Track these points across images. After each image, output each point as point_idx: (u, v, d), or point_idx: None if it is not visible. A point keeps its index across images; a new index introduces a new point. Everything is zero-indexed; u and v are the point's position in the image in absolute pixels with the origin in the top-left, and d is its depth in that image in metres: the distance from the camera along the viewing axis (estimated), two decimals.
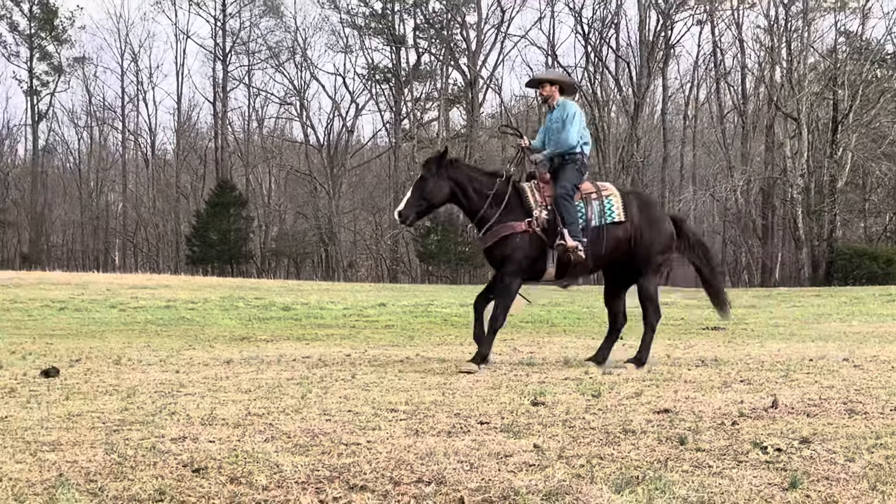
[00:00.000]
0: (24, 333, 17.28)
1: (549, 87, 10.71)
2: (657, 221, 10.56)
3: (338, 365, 10.79)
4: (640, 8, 64.30)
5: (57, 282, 35.50)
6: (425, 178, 10.32)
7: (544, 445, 5.58)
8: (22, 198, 77.31)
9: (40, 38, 75.40)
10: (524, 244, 10.08)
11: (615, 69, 66.99)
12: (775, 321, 21.38)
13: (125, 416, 6.73)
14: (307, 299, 28.36)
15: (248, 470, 4.96)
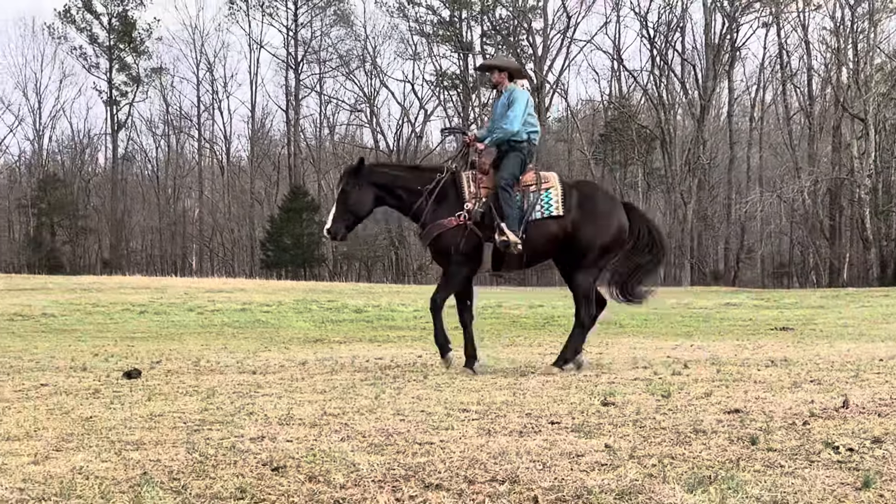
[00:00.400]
0: (107, 336, 17.70)
1: (497, 73, 10.36)
2: (601, 216, 10.10)
3: (410, 366, 10.93)
4: (706, 11, 63.86)
5: (137, 286, 36.19)
6: (346, 190, 10.16)
7: (615, 445, 5.63)
8: (102, 205, 78.77)
9: (119, 50, 76.77)
10: (457, 239, 9.87)
11: (681, 72, 66.56)
12: (844, 321, 21.11)
13: (205, 416, 6.90)
14: (378, 302, 28.59)
15: (325, 468, 5.08)
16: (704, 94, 63.29)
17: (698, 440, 5.79)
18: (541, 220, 9.94)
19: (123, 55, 77.12)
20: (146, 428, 6.39)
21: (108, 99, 77.02)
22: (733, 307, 27.86)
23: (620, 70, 69.83)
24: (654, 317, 23.52)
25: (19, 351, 13.80)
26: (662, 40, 66.20)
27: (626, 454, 5.37)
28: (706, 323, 20.85)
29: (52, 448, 5.64)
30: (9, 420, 6.73)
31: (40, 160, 78.36)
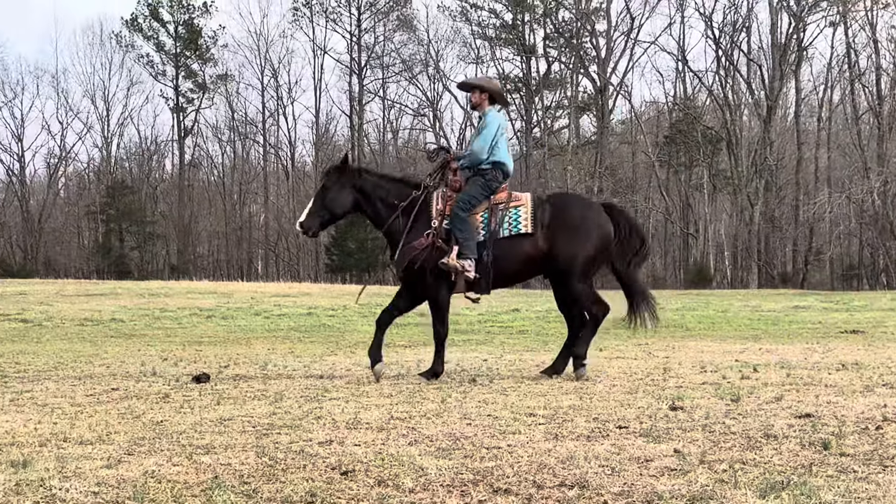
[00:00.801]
0: (175, 341, 17.92)
1: (478, 94, 10.13)
2: (577, 227, 9.83)
3: (475, 370, 10.93)
4: (772, 11, 63.13)
5: (204, 291, 36.61)
6: (327, 186, 10.05)
7: (685, 450, 5.58)
8: (170, 211, 79.82)
9: (185, 58, 77.76)
10: (430, 257, 9.70)
11: (747, 73, 65.87)
12: None
13: (273, 420, 6.96)
14: None
15: (394, 473, 5.10)
16: (771, 94, 62.59)
17: (769, 445, 5.73)
18: (508, 239, 9.72)
19: (189, 62, 78.10)
20: (216, 432, 6.46)
21: (174, 106, 78.04)
22: (802, 310, 27.48)
23: (685, 71, 69.38)
24: (721, 320, 23.29)
25: (90, 356, 14.02)
26: (728, 40, 65.62)
27: (696, 459, 5.33)
28: (775, 326, 20.59)
29: (124, 452, 5.72)
30: (82, 424, 6.85)
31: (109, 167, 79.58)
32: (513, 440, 6.01)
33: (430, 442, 5.98)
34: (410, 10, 75.42)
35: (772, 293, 42.91)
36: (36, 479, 4.96)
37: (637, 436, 6.11)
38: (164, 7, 77.03)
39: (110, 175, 78.20)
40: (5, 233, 77.07)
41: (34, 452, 5.70)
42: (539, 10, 70.20)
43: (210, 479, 4.98)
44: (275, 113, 79.18)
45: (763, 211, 61.74)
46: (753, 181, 61.91)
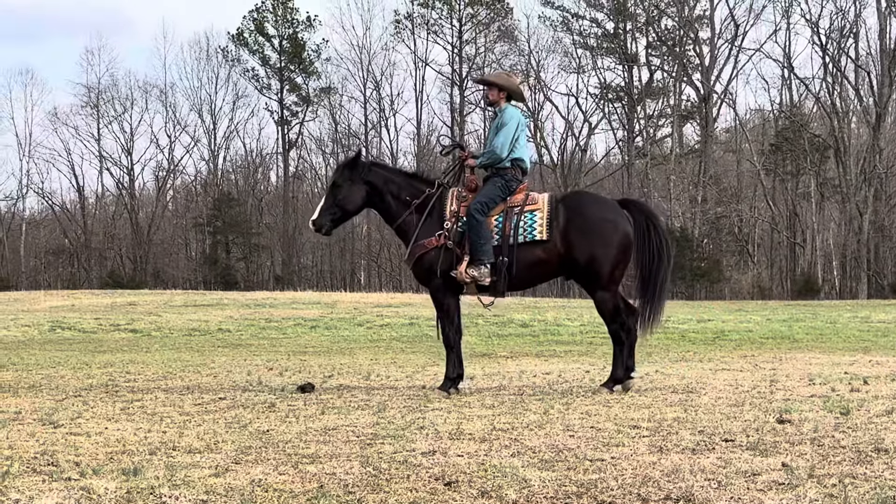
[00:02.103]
0: (280, 350, 18.19)
1: (496, 91, 9.94)
2: (596, 230, 9.55)
3: (578, 381, 10.89)
4: (880, 16, 61.69)
5: (308, 301, 37.07)
6: (338, 184, 9.97)
7: (793, 464, 5.49)
8: (275, 222, 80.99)
9: (290, 71, 78.90)
10: (438, 259, 9.59)
11: (855, 79, 64.39)
12: None
13: (377, 430, 7.02)
14: (544, 316, 28.52)
15: (497, 484, 5.10)
16: (880, 101, 61.10)
17: (880, 459, 5.60)
18: (524, 245, 9.54)
19: (294, 76, 79.20)
20: (321, 441, 6.54)
21: (279, 119, 79.20)
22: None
23: (791, 78, 68.05)
24: (829, 331, 22.81)
25: (198, 365, 14.31)
26: (835, 46, 64.24)
27: (805, 473, 5.23)
28: (885, 338, 20.07)
29: (231, 461, 5.83)
30: (190, 433, 6.99)
31: (215, 179, 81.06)
32: (616, 452, 5.97)
33: (532, 453, 5.98)
34: (511, 21, 75.43)
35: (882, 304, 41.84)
36: (146, 486, 5.08)
37: (744, 449, 6.02)
38: (269, 22, 78.31)
39: (216, 187, 79.66)
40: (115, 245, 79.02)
41: (144, 461, 5.84)
42: (641, 19, 69.65)
43: (315, 489, 5.05)
44: (377, 125, 79.86)
45: (872, 220, 60.27)
46: (862, 189, 60.50)
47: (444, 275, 9.64)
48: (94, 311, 31.83)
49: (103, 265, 77.22)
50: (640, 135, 70.47)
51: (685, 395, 9.07)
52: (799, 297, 54.90)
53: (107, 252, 78.85)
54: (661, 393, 9.40)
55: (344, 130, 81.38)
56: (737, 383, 10.24)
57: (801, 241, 65.12)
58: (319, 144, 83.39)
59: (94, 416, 8.01)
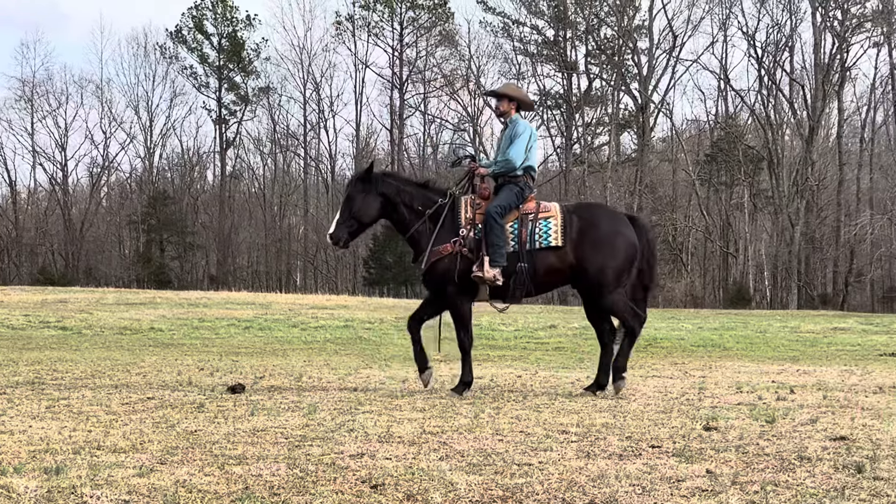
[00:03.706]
0: (212, 351, 18.03)
1: (506, 102, 10.20)
2: (605, 242, 9.82)
3: (509, 386, 10.92)
4: (815, 31, 62.83)
5: (242, 302, 36.81)
6: (352, 196, 10.10)
7: (717, 471, 5.55)
8: (210, 221, 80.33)
9: (228, 70, 78.38)
10: (453, 266, 9.76)
11: (789, 92, 65.54)
12: None
13: (307, 431, 6.99)
14: (479, 321, 28.57)
15: (423, 487, 5.10)
16: (813, 114, 62.17)
17: (803, 467, 5.68)
18: (538, 251, 9.74)
19: (232, 75, 78.68)
20: (249, 443, 6.50)
21: (217, 118, 78.61)
22: (841, 332, 27.23)
23: (727, 90, 69.00)
24: (759, 340, 23.12)
25: (127, 364, 14.14)
26: (770, 60, 65.28)
27: (728, 480, 5.30)
28: (813, 347, 20.41)
29: (156, 461, 5.76)
30: (116, 432, 6.91)
31: (151, 177, 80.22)
32: (544, 457, 6.00)
33: (460, 457, 5.98)
34: (452, 26, 75.63)
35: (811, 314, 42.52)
36: (68, 486, 5.01)
37: (669, 455, 6.08)
38: (208, 20, 77.72)
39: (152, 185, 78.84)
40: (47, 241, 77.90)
41: (67, 460, 5.75)
42: (581, 27, 70.10)
43: (240, 490, 5.01)
44: (316, 126, 79.65)
45: (804, 231, 61.26)
46: (794, 201, 61.47)
47: (459, 281, 9.80)
48: (24, 307, 31.32)
49: (34, 261, 76.13)
50: (578, 142, 70.93)
51: (615, 402, 9.14)
52: (731, 306, 55.63)
53: (38, 248, 77.73)
54: (591, 399, 9.47)
55: (282, 131, 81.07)
56: (666, 390, 10.34)
57: (734, 250, 66.01)
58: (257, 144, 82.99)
59: (18, 414, 7.89)
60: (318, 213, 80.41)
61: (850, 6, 62.91)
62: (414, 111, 77.06)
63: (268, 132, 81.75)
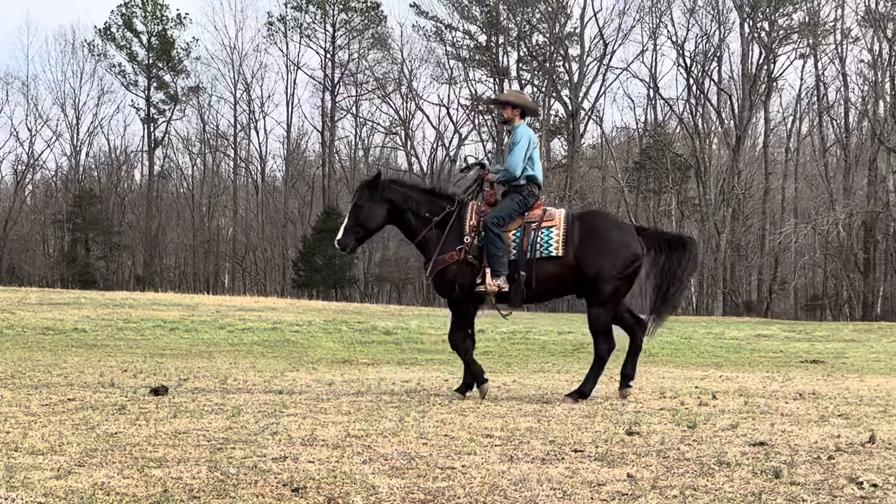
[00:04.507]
0: (136, 352, 17.79)
1: (510, 109, 10.32)
2: (607, 250, 9.85)
3: (435, 390, 10.93)
4: (743, 41, 63.87)
5: (168, 303, 36.39)
6: (359, 204, 10.20)
7: (638, 475, 5.61)
8: (137, 221, 79.38)
9: (158, 69, 77.56)
10: (459, 272, 9.86)
11: (717, 101, 66.51)
12: (875, 355, 20.87)
13: (229, 434, 6.93)
14: (408, 324, 28.60)
15: (345, 490, 5.09)
16: (740, 123, 63.15)
17: (722, 472, 5.76)
18: (539, 260, 9.81)
19: (162, 73, 77.89)
20: (170, 445, 6.43)
21: (145, 116, 77.76)
22: (765, 338, 27.65)
23: (656, 98, 69.81)
24: (684, 346, 23.38)
25: (49, 365, 13.90)
26: (699, 69, 66.17)
27: (648, 485, 5.35)
28: (737, 354, 20.68)
29: (75, 463, 5.68)
30: (34, 434, 6.79)
31: (77, 176, 79.10)
32: (467, 461, 6.01)
33: (384, 460, 5.98)
34: (385, 29, 75.62)
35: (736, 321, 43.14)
36: None
37: (592, 460, 6.12)
38: (137, 17, 76.86)
39: (78, 184, 77.71)
40: None
41: None
42: (513, 33, 70.50)
43: (159, 493, 4.96)
44: (246, 127, 79.13)
45: (729, 239, 62.15)
46: (721, 209, 62.35)
47: (464, 288, 9.90)
48: None
49: None
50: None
51: (539, 406, 9.19)
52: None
53: None
54: (516, 403, 9.51)
55: (212, 131, 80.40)
56: (591, 395, 10.40)
57: None
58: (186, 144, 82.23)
59: None
60: (247, 214, 79.87)
61: (778, 18, 64.09)
62: (346, 114, 76.93)
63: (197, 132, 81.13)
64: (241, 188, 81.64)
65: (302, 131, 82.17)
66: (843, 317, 59.55)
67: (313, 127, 79.20)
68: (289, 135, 77.76)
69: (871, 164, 59.74)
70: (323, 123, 75.46)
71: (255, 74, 78.67)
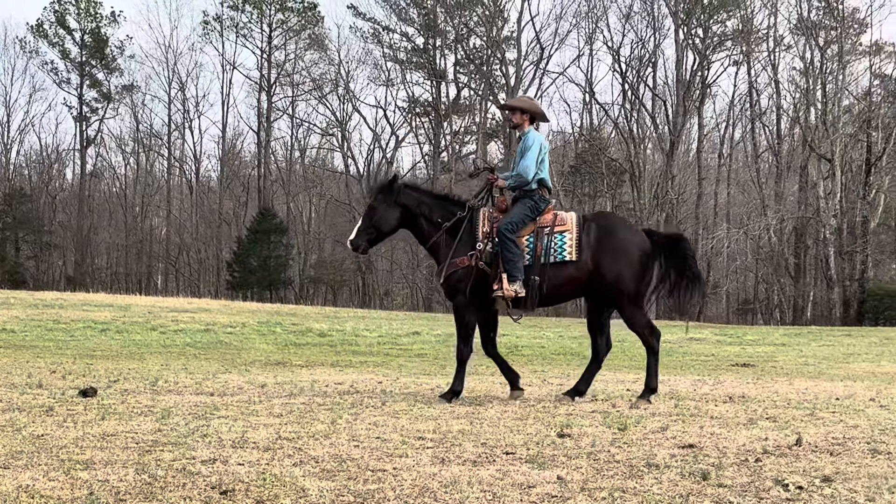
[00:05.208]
0: (66, 353, 17.54)
1: (519, 114, 10.39)
2: (621, 249, 10.02)
3: (369, 392, 10.91)
4: (678, 48, 64.56)
5: (100, 304, 35.91)
6: (374, 206, 10.37)
7: (568, 477, 5.64)
8: (69, 221, 78.23)
9: (91, 66, 76.53)
10: (467, 278, 9.96)
11: (652, 107, 67.16)
12: (805, 359, 21.23)
13: (158, 437, 6.86)
14: (343, 326, 28.52)
15: (274, 493, 5.06)
16: (674, 129, 63.82)
17: (650, 474, 5.81)
18: (553, 265, 9.95)
19: (95, 71, 76.88)
20: (97, 447, 6.35)
21: (77, 115, 76.68)
22: (696, 342, 27.99)
23: (592, 103, 70.27)
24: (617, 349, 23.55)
25: None
26: (634, 75, 66.76)
27: (578, 487, 5.38)
28: (668, 357, 20.88)
29: (0, 465, 5.58)
30: None
31: (7, 174, 77.79)
32: (399, 463, 6.01)
33: (315, 463, 5.95)
34: (322, 30, 75.27)
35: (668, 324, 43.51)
36: None
37: (523, 462, 6.14)
38: (70, 14, 75.79)
39: (8, 182, 76.39)
40: None
41: None
42: (451, 36, 70.61)
43: (85, 496, 4.89)
44: (181, 126, 78.29)
45: None
46: (655, 214, 62.91)
47: (472, 293, 9.99)
48: None
49: None
50: (446, 150, 71.37)
51: (472, 408, 9.21)
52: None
53: None
54: (448, 405, 9.51)
55: (146, 130, 79.49)
56: (524, 397, 10.45)
57: None
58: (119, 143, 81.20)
59: None
60: (181, 214, 79.10)
61: (712, 25, 64.88)
62: (282, 114, 76.46)
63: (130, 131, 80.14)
64: (175, 188, 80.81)
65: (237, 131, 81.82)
66: (773, 321, 60.42)
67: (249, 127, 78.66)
68: (224, 135, 77.22)
69: (802, 171, 60.67)
70: (259, 124, 74.95)
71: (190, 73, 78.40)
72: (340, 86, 73.63)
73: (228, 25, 74.51)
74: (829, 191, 56.11)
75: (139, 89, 78.07)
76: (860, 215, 54.65)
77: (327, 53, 74.44)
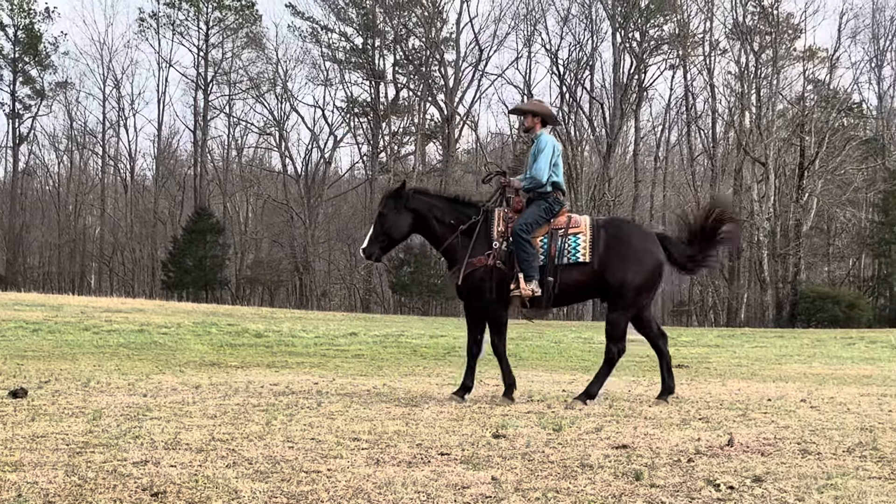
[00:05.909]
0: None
1: (531, 118, 10.58)
2: (631, 258, 10.14)
3: (305, 393, 10.84)
4: (615, 51, 65.20)
5: (31, 303, 35.34)
6: (383, 213, 10.38)
7: (502, 478, 5.65)
8: (0, 219, 76.96)
9: (24, 63, 75.40)
10: (487, 277, 10.06)
11: (589, 110, 67.74)
12: (738, 360, 21.50)
13: (89, 438, 6.76)
14: (279, 327, 28.34)
15: (206, 495, 5.01)
16: (611, 132, 64.39)
17: (584, 475, 5.84)
18: (566, 266, 10.06)
19: (28, 68, 75.75)
20: (27, 449, 6.25)
21: (10, 112, 75.49)
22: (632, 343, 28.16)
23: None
24: (553, 350, 23.70)
25: None
26: (572, 77, 67.26)
27: (512, 487, 5.40)
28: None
29: None
30: None
31: None
32: (333, 465, 5.98)
33: (248, 464, 5.91)
34: (260, 29, 74.86)
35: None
36: None
37: (458, 463, 6.15)
38: (3, 10, 74.59)
39: None
40: None
41: None
42: (390, 37, 70.58)
43: (13, 498, 4.82)
44: (115, 124, 77.39)
45: None
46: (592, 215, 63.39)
47: (495, 291, 10.04)
48: None
49: None
50: (385, 151, 71.30)
51: (408, 409, 9.20)
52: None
53: None
54: (385, 406, 9.49)
55: (80, 128, 78.47)
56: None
57: None
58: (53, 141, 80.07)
59: None
60: (115, 213, 78.16)
61: (649, 28, 65.62)
62: (218, 113, 75.88)
63: (64, 129, 79.10)
64: (110, 187, 79.81)
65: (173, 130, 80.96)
66: (708, 323, 61.15)
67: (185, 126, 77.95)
68: (160, 133, 76.48)
69: (736, 174, 61.55)
70: (195, 122, 74.33)
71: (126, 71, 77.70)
72: (278, 85, 73.34)
73: (165, 23, 73.83)
74: (762, 194, 57.02)
75: (73, 86, 77.20)
76: (793, 218, 55.60)
77: (265, 52, 74.10)
